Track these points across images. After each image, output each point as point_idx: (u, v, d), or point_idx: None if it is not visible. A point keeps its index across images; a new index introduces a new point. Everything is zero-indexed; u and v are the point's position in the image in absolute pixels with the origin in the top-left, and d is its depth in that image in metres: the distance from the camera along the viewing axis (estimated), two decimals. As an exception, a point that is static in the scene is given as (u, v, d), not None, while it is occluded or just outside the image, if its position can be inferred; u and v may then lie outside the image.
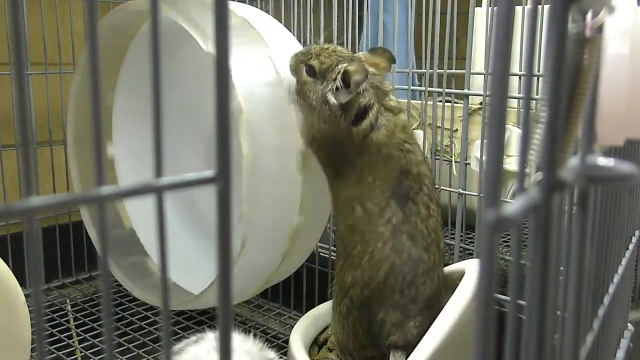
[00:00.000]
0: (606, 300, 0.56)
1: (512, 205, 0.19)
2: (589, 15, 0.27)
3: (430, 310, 0.77)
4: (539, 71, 0.88)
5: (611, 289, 0.58)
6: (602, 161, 0.22)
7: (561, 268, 0.37)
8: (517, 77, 1.00)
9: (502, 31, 0.18)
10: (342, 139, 0.79)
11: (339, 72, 0.78)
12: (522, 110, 0.89)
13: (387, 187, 0.78)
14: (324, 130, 0.80)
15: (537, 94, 0.85)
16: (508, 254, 1.12)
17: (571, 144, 0.27)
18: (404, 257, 0.76)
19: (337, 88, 0.78)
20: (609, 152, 0.49)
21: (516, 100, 1.03)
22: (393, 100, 0.81)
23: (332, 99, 0.78)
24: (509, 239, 1.14)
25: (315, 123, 0.81)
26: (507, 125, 0.28)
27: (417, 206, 0.78)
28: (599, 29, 0.27)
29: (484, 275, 0.18)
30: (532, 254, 0.21)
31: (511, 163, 1.04)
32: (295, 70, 0.82)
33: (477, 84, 1.04)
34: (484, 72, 0.97)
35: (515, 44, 0.98)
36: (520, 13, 1.00)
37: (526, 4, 0.96)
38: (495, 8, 1.01)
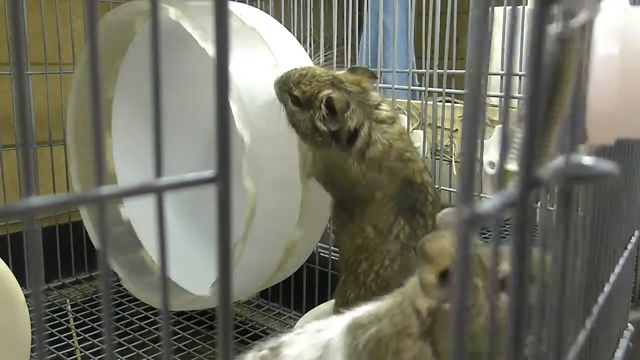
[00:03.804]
0: (601, 299, 0.56)
1: (489, 202, 0.19)
2: (571, 15, 0.27)
3: None
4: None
5: (607, 288, 0.58)
6: (584, 160, 0.22)
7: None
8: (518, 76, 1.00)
9: (478, 31, 0.18)
10: (342, 161, 0.78)
11: (322, 101, 0.77)
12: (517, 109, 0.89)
13: (395, 202, 0.76)
14: (322, 155, 0.79)
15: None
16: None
17: (553, 142, 0.28)
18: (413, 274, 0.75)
19: (324, 116, 0.77)
20: (603, 151, 0.49)
21: (516, 100, 1.03)
22: (385, 111, 0.79)
23: (322, 127, 0.77)
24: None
25: (312, 151, 0.81)
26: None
27: (424, 218, 0.77)
28: (581, 29, 0.27)
29: (460, 272, 0.18)
30: (511, 250, 0.21)
31: (511, 162, 1.04)
32: (281, 99, 0.82)
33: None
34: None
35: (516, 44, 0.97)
36: (520, 13, 1.00)
37: (526, 4, 0.96)
38: (495, 8, 1.01)
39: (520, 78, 0.90)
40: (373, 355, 0.50)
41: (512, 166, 0.21)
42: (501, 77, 1.01)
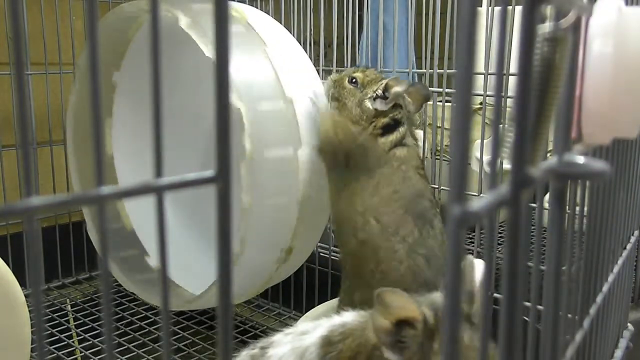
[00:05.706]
0: (599, 299, 0.56)
1: (480, 200, 0.19)
2: (561, 14, 0.27)
3: None
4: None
5: (605, 288, 0.58)
6: (577, 158, 0.23)
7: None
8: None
9: (467, 29, 0.18)
10: (365, 144, 0.79)
11: (381, 84, 0.82)
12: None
13: (404, 203, 0.76)
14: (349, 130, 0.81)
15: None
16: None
17: (545, 141, 0.28)
18: (419, 280, 0.74)
19: (376, 97, 0.81)
20: (599, 151, 0.49)
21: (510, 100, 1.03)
22: (416, 134, 0.85)
23: (368, 104, 0.81)
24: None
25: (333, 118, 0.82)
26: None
27: (434, 230, 0.76)
28: (571, 28, 0.27)
29: (452, 272, 0.18)
30: (504, 248, 0.21)
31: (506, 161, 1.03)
32: (336, 81, 0.85)
33: (477, 84, 1.03)
34: (484, 72, 0.97)
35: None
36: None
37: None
38: (496, 8, 1.01)
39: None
40: None
41: (508, 165, 0.21)
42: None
